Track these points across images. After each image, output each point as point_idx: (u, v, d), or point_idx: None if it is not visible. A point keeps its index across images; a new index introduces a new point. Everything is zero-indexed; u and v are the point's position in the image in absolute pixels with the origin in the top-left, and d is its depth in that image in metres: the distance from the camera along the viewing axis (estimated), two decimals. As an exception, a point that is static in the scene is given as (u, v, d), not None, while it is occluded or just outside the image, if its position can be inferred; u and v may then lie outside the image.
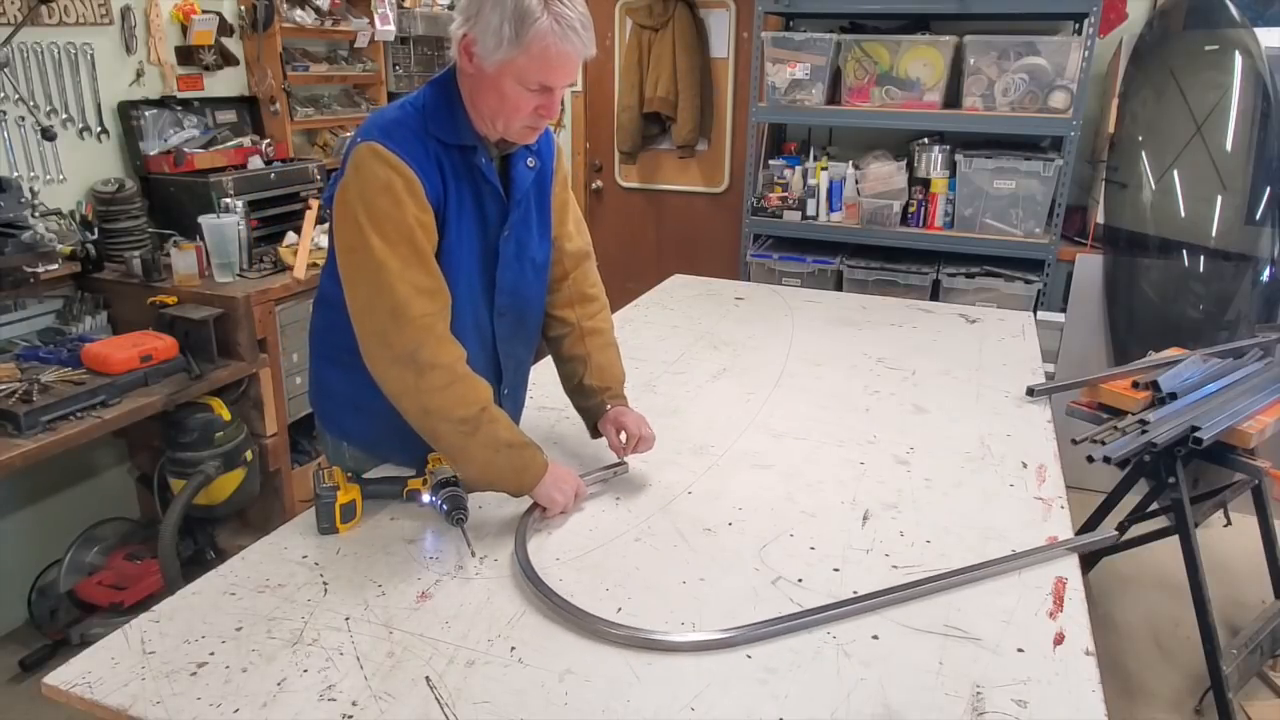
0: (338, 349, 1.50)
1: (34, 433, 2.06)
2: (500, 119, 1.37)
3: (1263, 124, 3.13)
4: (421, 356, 1.33)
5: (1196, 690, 2.45)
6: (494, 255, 1.50)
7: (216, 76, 3.10)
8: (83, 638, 2.49)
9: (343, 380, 1.55)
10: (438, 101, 1.41)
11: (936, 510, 1.48)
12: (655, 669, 1.08)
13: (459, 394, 1.35)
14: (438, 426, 1.36)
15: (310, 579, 1.25)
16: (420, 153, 1.36)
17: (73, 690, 1.03)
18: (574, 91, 4.60)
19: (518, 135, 1.41)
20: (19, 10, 2.42)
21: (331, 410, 1.65)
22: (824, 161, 3.69)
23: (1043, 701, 1.03)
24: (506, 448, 1.38)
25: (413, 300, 1.33)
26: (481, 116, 1.39)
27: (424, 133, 1.38)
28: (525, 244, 1.55)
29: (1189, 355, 2.32)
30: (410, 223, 1.34)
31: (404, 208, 1.33)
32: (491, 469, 1.38)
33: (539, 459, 1.42)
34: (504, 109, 1.35)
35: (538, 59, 1.29)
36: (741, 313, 2.60)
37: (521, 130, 1.39)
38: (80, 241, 2.53)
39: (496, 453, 1.37)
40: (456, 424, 1.35)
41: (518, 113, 1.35)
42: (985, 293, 3.41)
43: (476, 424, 1.35)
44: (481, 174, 1.43)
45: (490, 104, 1.36)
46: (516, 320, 1.59)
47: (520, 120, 1.37)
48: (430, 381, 1.34)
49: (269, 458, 2.73)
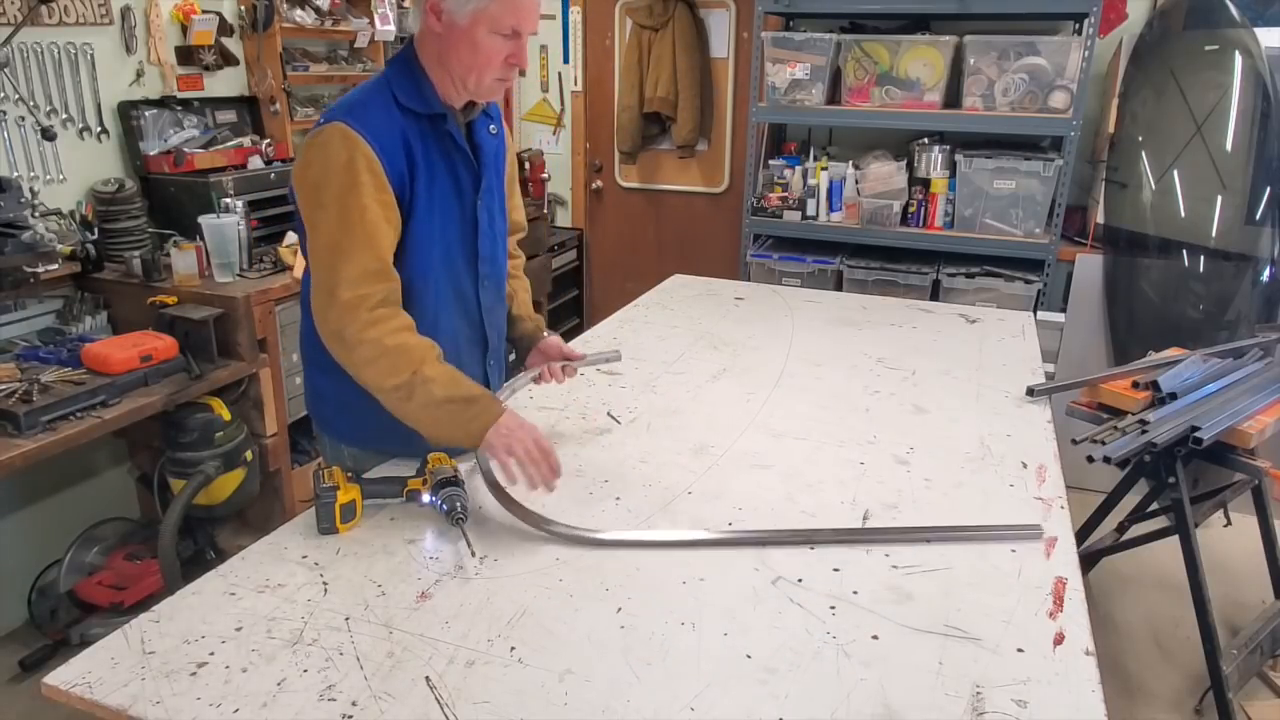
0: (321, 351, 1.52)
1: (34, 433, 2.06)
2: (473, 74, 1.42)
3: (1263, 124, 3.13)
4: (348, 334, 1.39)
5: (1196, 690, 2.45)
6: (473, 224, 1.55)
7: (216, 76, 3.10)
8: (83, 638, 2.49)
9: (331, 383, 1.56)
10: (402, 75, 1.45)
11: (936, 510, 1.48)
12: (655, 669, 1.08)
13: (388, 365, 1.39)
14: (378, 395, 1.42)
15: (310, 579, 1.25)
16: (386, 129, 1.40)
17: (73, 690, 1.03)
18: (574, 91, 4.61)
19: (488, 90, 1.47)
20: (19, 10, 2.42)
21: (326, 415, 1.67)
22: (824, 161, 3.69)
23: (1043, 701, 1.03)
24: (447, 403, 1.39)
25: (351, 283, 1.37)
26: (452, 78, 1.44)
27: (392, 106, 1.43)
28: (494, 212, 1.60)
29: (1189, 355, 2.32)
30: (366, 203, 1.37)
31: (362, 188, 1.37)
32: (439, 426, 1.41)
33: (489, 409, 1.41)
34: (477, 62, 1.41)
35: (508, 2, 1.37)
36: (741, 313, 2.60)
37: (492, 85, 1.45)
38: (80, 241, 2.54)
39: (438, 409, 1.39)
40: (391, 392, 1.40)
41: (490, 64, 1.41)
42: (985, 293, 3.41)
43: (410, 389, 1.38)
44: (453, 141, 1.48)
45: (463, 60, 1.41)
46: (496, 287, 1.65)
47: (492, 73, 1.43)
48: (359, 356, 1.39)
49: (269, 458, 2.73)
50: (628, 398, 1.93)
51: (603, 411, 1.85)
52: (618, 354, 1.81)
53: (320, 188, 1.38)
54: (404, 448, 1.56)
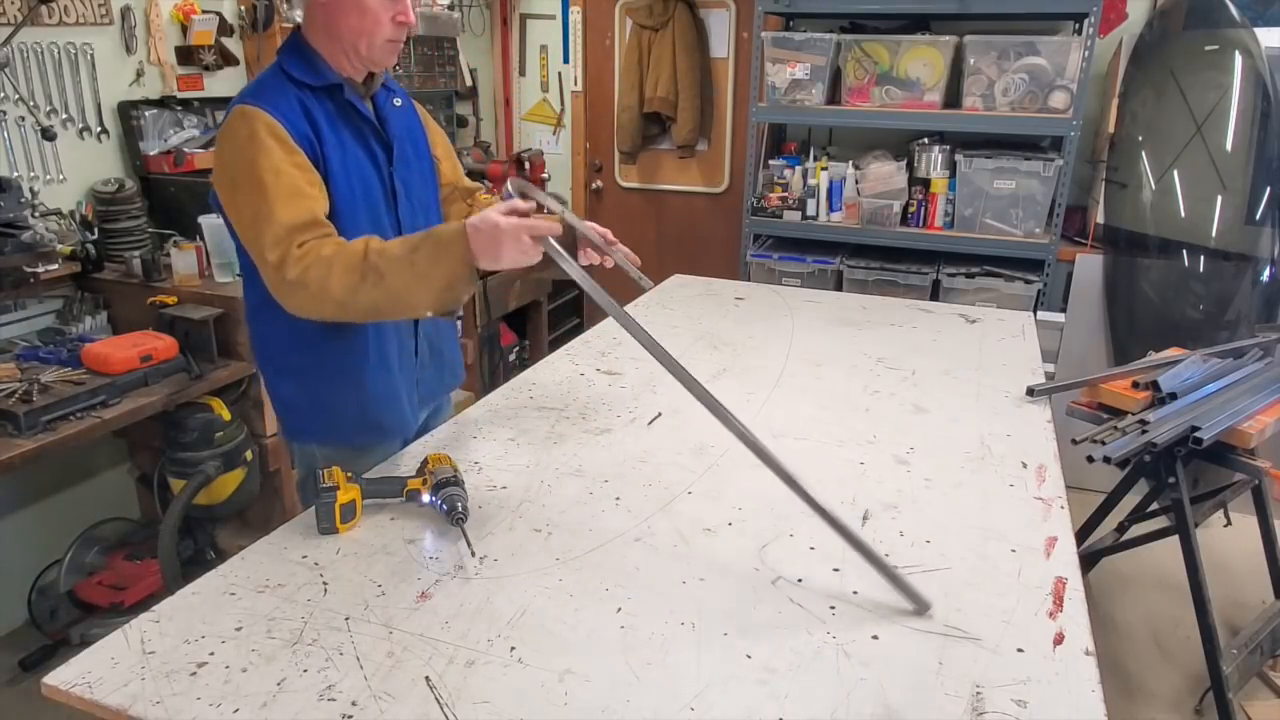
0: (277, 355, 1.56)
1: (34, 433, 2.06)
2: (363, 38, 1.46)
3: (1263, 124, 3.13)
4: (291, 277, 1.35)
5: (1196, 690, 2.45)
6: (393, 194, 1.58)
7: (216, 76, 3.10)
8: (83, 638, 2.49)
9: (295, 386, 1.60)
10: (292, 55, 1.50)
11: (936, 510, 1.48)
12: (655, 669, 1.08)
13: (340, 266, 1.34)
14: (355, 302, 1.35)
15: (310, 579, 1.25)
16: (285, 103, 1.44)
17: (72, 690, 1.03)
18: (574, 91, 4.61)
19: (381, 53, 1.50)
20: (19, 10, 2.42)
21: (295, 421, 1.68)
22: (824, 161, 3.69)
23: (1043, 701, 1.03)
24: (413, 251, 1.33)
25: (275, 242, 1.36)
26: (343, 46, 1.48)
27: (287, 82, 1.47)
28: (410, 182, 1.63)
29: (1189, 355, 2.32)
30: (277, 165, 1.38)
31: (270, 153, 1.38)
32: (426, 276, 1.33)
33: (449, 227, 1.35)
34: (365, 24, 1.45)
35: None
36: (741, 313, 2.60)
37: (384, 46, 1.49)
38: (80, 241, 2.54)
39: (410, 261, 1.32)
40: (361, 285, 1.33)
41: (379, 25, 1.46)
42: (985, 293, 3.41)
43: (375, 269, 1.33)
44: (356, 111, 1.52)
45: (351, 25, 1.45)
46: None
47: (382, 33, 1.47)
48: (314, 283, 1.34)
49: (269, 458, 2.73)
50: (627, 398, 1.93)
51: (603, 411, 1.85)
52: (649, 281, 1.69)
53: (231, 167, 1.41)
54: (379, 439, 1.62)
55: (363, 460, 1.60)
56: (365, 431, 1.65)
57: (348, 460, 1.59)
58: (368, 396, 1.62)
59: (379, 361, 1.63)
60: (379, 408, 1.65)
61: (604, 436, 1.74)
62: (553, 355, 2.22)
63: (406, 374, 1.70)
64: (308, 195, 1.41)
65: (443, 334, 1.82)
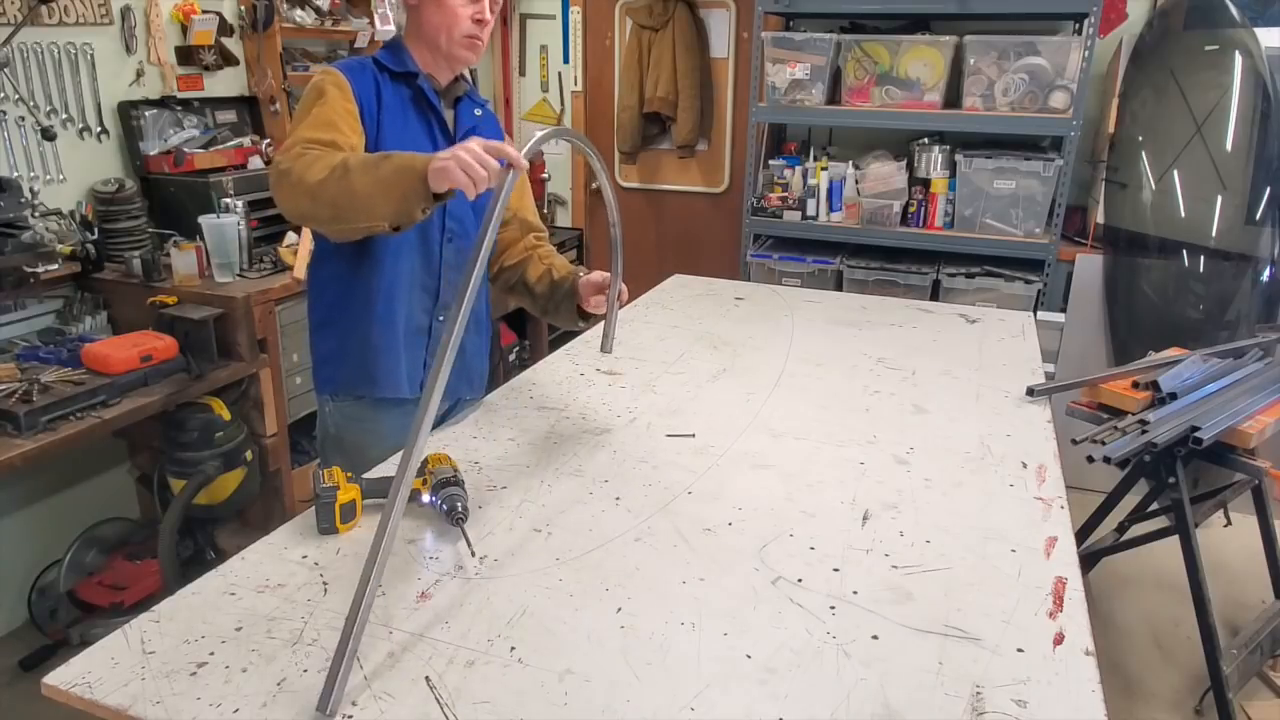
0: (324, 309, 1.71)
1: (34, 433, 2.06)
2: (443, 32, 1.60)
3: (1263, 124, 3.13)
4: (283, 165, 1.44)
5: (1196, 690, 2.45)
6: None
7: (216, 76, 3.10)
8: (83, 638, 2.49)
9: (332, 338, 1.73)
10: (386, 49, 1.68)
11: (936, 510, 1.48)
12: (655, 669, 1.08)
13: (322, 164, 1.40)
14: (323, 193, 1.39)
15: (310, 579, 1.25)
16: (360, 74, 1.60)
17: (72, 690, 1.03)
18: (574, 91, 4.61)
19: (460, 48, 1.62)
20: (19, 10, 2.42)
21: (327, 370, 1.78)
22: (824, 161, 3.69)
23: (1043, 701, 1.03)
24: (381, 160, 1.37)
25: (294, 143, 1.48)
26: (428, 45, 1.63)
27: (370, 64, 1.64)
28: None
29: (1189, 355, 2.32)
30: (329, 101, 1.54)
31: (331, 101, 1.54)
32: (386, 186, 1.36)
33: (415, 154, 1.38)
34: (444, 19, 1.59)
35: None
36: (741, 313, 2.60)
37: (463, 41, 1.62)
38: (80, 241, 2.53)
39: (376, 168, 1.36)
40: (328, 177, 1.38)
41: (457, 20, 1.59)
42: (985, 293, 3.41)
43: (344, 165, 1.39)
44: (426, 99, 1.65)
45: (433, 21, 1.60)
46: (459, 252, 1.73)
47: (460, 28, 1.60)
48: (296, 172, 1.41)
49: (269, 458, 2.73)
50: (627, 398, 1.93)
51: (603, 411, 1.85)
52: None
53: (298, 111, 1.57)
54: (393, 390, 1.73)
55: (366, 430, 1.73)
56: (363, 381, 1.73)
57: (364, 415, 1.75)
58: (369, 347, 1.71)
59: (385, 314, 1.69)
60: (375, 358, 1.72)
61: (604, 436, 1.74)
62: (553, 355, 2.22)
63: (411, 344, 1.75)
64: (339, 129, 1.52)
65: (477, 324, 1.87)
